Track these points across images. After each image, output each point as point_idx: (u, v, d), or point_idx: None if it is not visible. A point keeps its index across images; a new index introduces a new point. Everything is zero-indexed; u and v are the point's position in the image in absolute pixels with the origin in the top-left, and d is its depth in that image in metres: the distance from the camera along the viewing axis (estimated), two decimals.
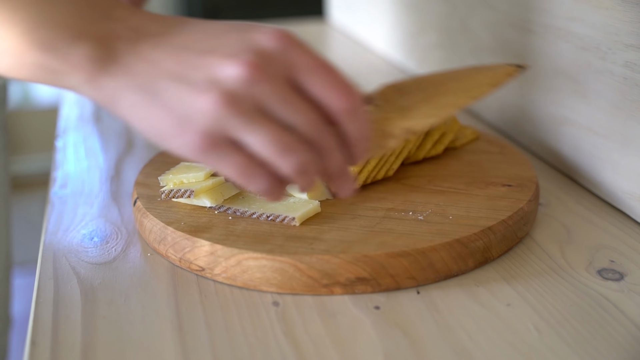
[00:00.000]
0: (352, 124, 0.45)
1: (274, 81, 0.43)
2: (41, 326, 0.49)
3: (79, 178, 0.74)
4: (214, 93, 0.42)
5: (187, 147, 0.44)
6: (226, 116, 0.42)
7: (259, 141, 0.43)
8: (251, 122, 0.43)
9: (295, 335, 0.48)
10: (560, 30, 0.71)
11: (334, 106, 0.44)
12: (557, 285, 0.53)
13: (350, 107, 0.44)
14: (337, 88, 0.44)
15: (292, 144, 0.44)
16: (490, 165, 0.67)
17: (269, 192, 0.45)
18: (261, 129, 0.43)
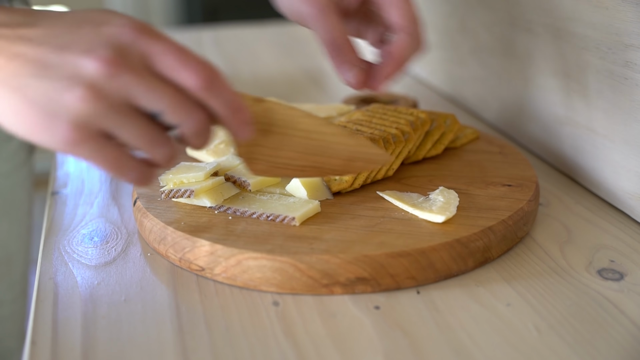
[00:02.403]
0: (213, 99, 0.46)
1: (132, 72, 0.44)
2: (41, 326, 0.49)
3: (79, 178, 0.74)
4: (78, 89, 0.43)
5: (56, 141, 0.44)
6: (93, 111, 0.43)
7: (128, 134, 0.44)
8: (118, 115, 0.44)
9: (295, 335, 0.48)
10: (560, 30, 0.71)
11: (189, 85, 0.45)
12: (557, 285, 0.53)
13: (204, 83, 0.45)
14: (188, 68, 0.45)
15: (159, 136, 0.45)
16: (490, 165, 0.67)
17: (140, 180, 0.46)
18: (129, 122, 0.44)
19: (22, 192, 0.91)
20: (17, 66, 0.44)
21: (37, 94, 0.44)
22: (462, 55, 0.93)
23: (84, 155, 0.45)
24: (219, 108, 0.46)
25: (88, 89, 0.43)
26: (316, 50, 1.34)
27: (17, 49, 0.45)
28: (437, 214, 0.56)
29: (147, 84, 0.44)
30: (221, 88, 0.46)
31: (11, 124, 0.45)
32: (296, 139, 0.53)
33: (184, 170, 0.61)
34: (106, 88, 0.43)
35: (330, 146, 0.54)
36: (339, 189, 0.61)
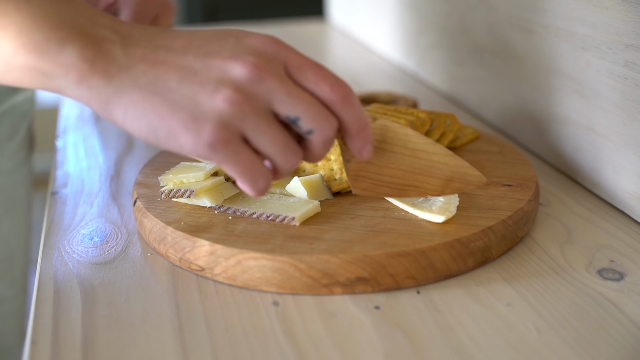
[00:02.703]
0: (347, 113, 0.48)
1: (275, 78, 0.45)
2: (41, 326, 0.49)
3: (79, 178, 0.74)
4: (225, 90, 0.44)
5: (198, 142, 0.44)
6: (238, 113, 0.44)
7: (265, 139, 0.45)
8: (259, 120, 0.45)
9: (295, 335, 0.48)
10: (560, 30, 0.71)
11: (327, 97, 0.47)
12: (557, 285, 0.53)
13: (341, 96, 0.47)
14: (327, 81, 0.47)
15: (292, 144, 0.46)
16: (490, 165, 0.67)
17: (263, 190, 0.47)
18: (268, 127, 0.45)
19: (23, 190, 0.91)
20: (160, 72, 0.45)
21: (181, 98, 0.44)
22: (462, 55, 0.93)
23: (222, 158, 0.45)
24: (350, 122, 0.48)
25: (235, 91, 0.44)
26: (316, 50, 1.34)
27: (160, 56, 0.46)
28: (437, 214, 0.56)
29: (288, 89, 0.45)
30: (354, 104, 0.48)
31: (149, 129, 0.45)
32: (404, 157, 0.55)
33: (184, 170, 0.61)
34: (251, 91, 0.45)
35: (434, 165, 0.56)
36: (339, 189, 0.61)
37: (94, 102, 0.45)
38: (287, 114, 0.46)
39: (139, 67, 0.45)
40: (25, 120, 0.89)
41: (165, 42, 0.46)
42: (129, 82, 0.45)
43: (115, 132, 0.87)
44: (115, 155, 0.79)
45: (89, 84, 0.45)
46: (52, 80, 0.45)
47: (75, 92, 0.45)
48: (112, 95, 0.45)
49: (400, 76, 1.12)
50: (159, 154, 0.71)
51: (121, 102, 0.45)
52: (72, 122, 0.92)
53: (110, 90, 0.45)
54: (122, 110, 0.45)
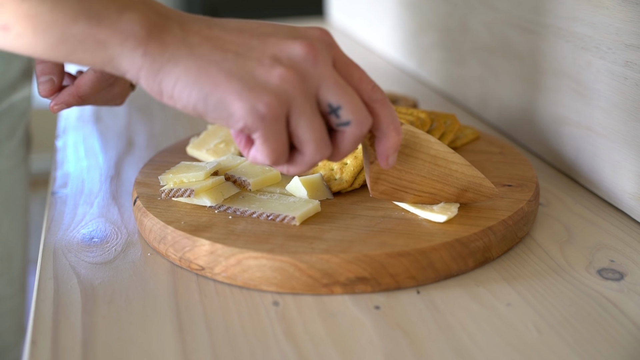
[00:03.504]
0: (384, 113, 0.49)
1: (328, 64, 0.47)
2: (41, 326, 0.49)
3: (79, 178, 0.74)
4: (281, 67, 0.45)
5: (251, 112, 0.45)
6: (292, 90, 0.45)
7: (306, 124, 0.46)
8: (307, 103, 0.46)
9: (295, 334, 0.48)
10: (560, 30, 0.71)
11: (367, 95, 0.48)
12: (557, 285, 0.53)
13: (381, 97, 0.49)
14: (370, 82, 0.49)
15: (327, 137, 0.47)
16: (490, 165, 0.67)
17: (279, 167, 0.48)
18: (312, 113, 0.46)
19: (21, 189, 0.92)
20: (216, 45, 0.46)
21: (238, 68, 0.45)
22: (462, 55, 0.93)
23: (267, 132, 0.45)
24: (387, 122, 0.50)
25: (290, 68, 0.45)
26: None
27: (215, 33, 0.46)
28: (439, 214, 0.56)
29: (336, 78, 0.47)
30: (391, 107, 0.50)
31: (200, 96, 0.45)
32: (424, 163, 0.56)
33: (184, 169, 0.61)
34: (305, 73, 0.46)
35: (451, 174, 0.57)
36: (339, 188, 0.61)
37: (144, 71, 0.46)
38: (331, 102, 0.46)
39: (195, 39, 0.46)
40: (23, 119, 0.90)
41: (220, 23, 0.47)
42: (185, 51, 0.45)
43: (115, 132, 0.87)
44: (115, 155, 0.79)
45: (144, 50, 0.45)
46: (107, 48, 0.45)
47: (127, 61, 0.45)
48: (165, 63, 0.45)
49: (400, 76, 1.12)
50: (159, 154, 0.71)
51: (174, 70, 0.45)
52: (72, 122, 0.92)
53: (165, 59, 0.45)
54: (174, 78, 0.45)
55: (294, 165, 0.48)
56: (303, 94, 0.45)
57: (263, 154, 0.47)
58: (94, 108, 0.96)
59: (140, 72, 0.46)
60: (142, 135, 0.86)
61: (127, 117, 0.93)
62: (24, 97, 0.88)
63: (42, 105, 3.03)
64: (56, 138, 0.87)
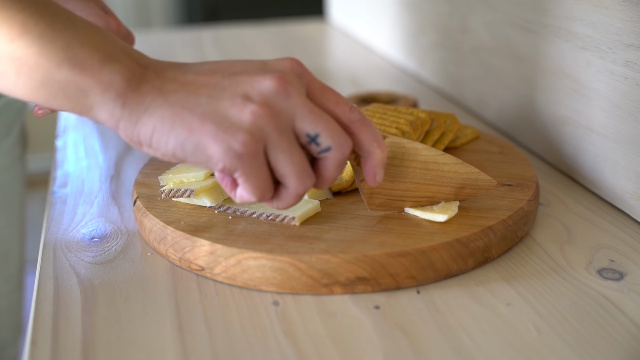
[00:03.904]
0: (365, 133, 0.50)
1: (300, 95, 0.47)
2: (41, 326, 0.49)
3: (79, 177, 0.74)
4: (253, 104, 0.46)
5: (228, 152, 0.45)
6: (265, 126, 0.46)
7: (285, 158, 0.47)
8: (283, 137, 0.46)
9: (295, 335, 0.48)
10: (560, 29, 0.70)
11: (345, 118, 0.49)
12: (557, 285, 0.53)
13: (359, 118, 0.49)
14: (345, 104, 0.49)
15: (308, 168, 0.48)
16: (490, 165, 0.67)
17: (267, 199, 0.49)
18: (289, 146, 0.47)
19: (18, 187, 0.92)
20: (190, 90, 0.47)
21: (211, 111, 0.46)
22: (462, 55, 0.93)
23: (246, 170, 0.46)
24: (368, 141, 0.50)
25: (262, 105, 0.46)
26: (316, 50, 1.34)
27: (189, 78, 0.47)
28: (439, 214, 0.56)
29: (310, 107, 0.47)
30: (371, 125, 0.50)
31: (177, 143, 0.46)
32: (415, 171, 0.57)
33: (184, 169, 0.61)
34: (278, 107, 0.46)
35: (445, 175, 0.57)
36: (339, 188, 0.61)
37: (123, 122, 0.46)
38: (308, 131, 0.47)
39: (171, 87, 0.47)
40: (19, 117, 0.90)
41: (193, 68, 0.48)
42: (160, 100, 0.46)
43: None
44: (115, 155, 0.79)
45: (123, 102, 0.46)
46: (87, 96, 0.46)
47: (107, 111, 0.46)
48: (142, 113, 0.46)
49: (400, 76, 1.12)
50: None
51: (150, 120, 0.46)
52: (72, 121, 0.92)
53: (142, 109, 0.46)
54: (151, 128, 0.46)
55: (280, 200, 0.49)
56: (278, 128, 0.46)
57: (248, 192, 0.47)
58: None
59: (119, 123, 0.47)
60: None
61: None
62: None
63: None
64: (56, 138, 0.87)
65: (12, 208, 0.91)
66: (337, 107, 0.49)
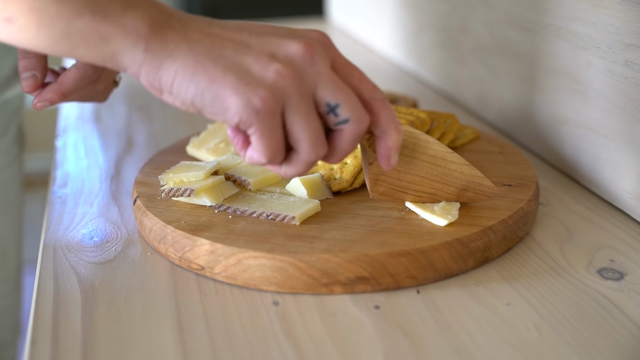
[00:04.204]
0: (385, 112, 0.50)
1: (325, 64, 0.47)
2: (41, 326, 0.49)
3: (79, 177, 0.74)
4: (278, 64, 0.45)
5: (246, 106, 0.45)
6: (287, 87, 0.45)
7: (302, 122, 0.46)
8: (302, 102, 0.46)
9: (295, 334, 0.48)
10: (560, 29, 0.70)
11: (368, 95, 0.49)
12: (557, 285, 0.53)
13: (381, 97, 0.49)
14: (370, 82, 0.49)
15: (323, 136, 0.47)
16: (490, 165, 0.67)
17: (275, 164, 0.49)
18: (308, 111, 0.46)
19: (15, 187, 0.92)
20: (215, 41, 0.47)
21: (234, 64, 0.46)
22: (462, 55, 0.93)
23: (262, 127, 0.46)
24: (387, 122, 0.50)
25: (287, 65, 0.46)
26: None
27: (214, 30, 0.47)
28: (439, 217, 0.56)
29: (334, 77, 0.47)
30: (391, 107, 0.50)
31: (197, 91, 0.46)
32: (423, 164, 0.57)
33: (184, 169, 0.61)
34: (302, 71, 0.46)
35: (450, 174, 0.57)
36: (339, 188, 0.61)
37: (145, 67, 0.46)
38: (329, 100, 0.47)
39: (195, 35, 0.46)
40: (16, 116, 0.90)
41: (220, 23, 0.48)
42: (184, 47, 0.46)
43: (115, 131, 0.87)
44: (115, 155, 0.79)
45: (146, 46, 0.46)
46: (109, 43, 0.46)
47: (129, 57, 0.46)
48: (165, 59, 0.46)
49: (400, 76, 1.12)
50: (159, 153, 0.71)
51: (173, 65, 0.46)
52: (72, 121, 0.92)
53: (165, 54, 0.46)
54: (173, 73, 0.46)
55: (290, 165, 0.48)
56: (299, 91, 0.46)
57: (259, 151, 0.47)
58: (95, 107, 0.96)
59: (141, 69, 0.46)
60: (142, 135, 0.86)
61: (127, 117, 0.93)
62: (16, 94, 0.89)
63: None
64: (56, 138, 0.87)
65: (9, 208, 0.91)
66: (360, 84, 0.49)
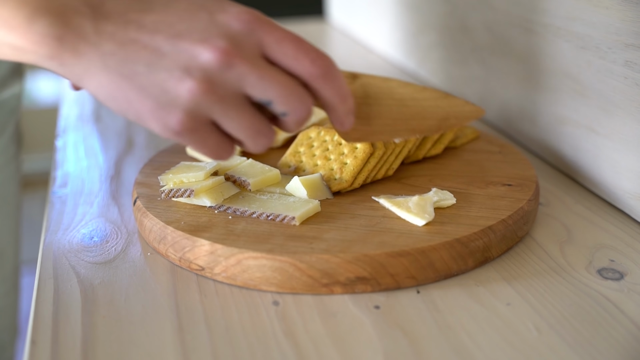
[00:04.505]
0: (327, 88, 0.47)
1: (246, 61, 0.44)
2: (41, 326, 0.49)
3: (79, 177, 0.74)
4: (192, 80, 0.43)
5: (165, 129, 0.45)
6: (205, 102, 0.44)
7: (234, 125, 0.45)
8: (228, 107, 0.45)
9: (295, 334, 0.48)
10: (560, 29, 0.70)
11: (306, 73, 0.46)
12: (557, 285, 0.53)
13: (321, 71, 0.46)
14: (306, 56, 0.45)
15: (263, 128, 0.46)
16: (490, 165, 0.67)
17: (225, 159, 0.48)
18: (237, 114, 0.45)
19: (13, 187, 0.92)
20: (129, 53, 0.44)
21: (149, 84, 0.44)
22: (463, 55, 0.93)
23: (189, 142, 0.46)
24: (330, 97, 0.47)
25: (202, 81, 0.44)
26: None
27: (130, 35, 0.45)
28: (416, 217, 0.55)
29: (259, 73, 0.44)
30: (335, 77, 0.47)
31: (120, 110, 0.46)
32: (391, 108, 0.55)
33: (184, 169, 0.61)
34: (220, 79, 0.44)
35: (425, 109, 0.55)
36: (339, 188, 0.61)
37: (68, 77, 0.46)
38: (260, 98, 0.45)
39: (108, 46, 0.44)
40: (13, 116, 0.90)
41: (138, 17, 0.45)
42: (98, 62, 0.44)
43: (115, 132, 0.87)
44: (115, 155, 0.79)
45: (60, 61, 0.45)
46: (25, 54, 0.45)
47: (49, 67, 0.45)
48: (82, 75, 0.45)
49: (400, 76, 1.12)
50: (159, 154, 0.71)
51: (91, 84, 0.45)
52: (72, 121, 0.92)
53: (81, 70, 0.45)
54: (93, 90, 0.45)
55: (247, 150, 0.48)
56: (221, 100, 0.44)
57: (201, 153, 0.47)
58: (95, 107, 0.96)
59: (65, 77, 0.46)
60: (142, 135, 0.86)
61: None
62: (13, 94, 0.89)
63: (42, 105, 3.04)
64: (56, 138, 0.87)
65: (6, 208, 0.91)
66: (296, 63, 0.45)
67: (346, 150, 0.62)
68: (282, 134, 0.72)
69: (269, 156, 0.69)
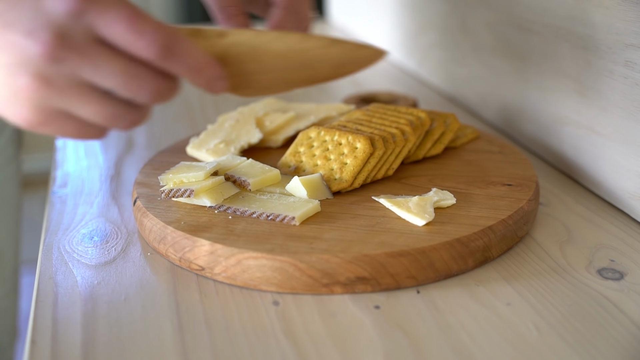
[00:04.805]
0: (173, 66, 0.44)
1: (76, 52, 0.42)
2: (41, 326, 0.49)
3: (79, 177, 0.74)
4: (26, 77, 0.42)
5: (20, 123, 0.44)
6: (45, 96, 0.43)
7: (86, 112, 0.44)
8: (72, 96, 0.43)
9: (295, 334, 0.48)
10: (560, 29, 0.70)
11: (145, 56, 0.43)
12: (557, 285, 0.53)
13: (161, 51, 0.43)
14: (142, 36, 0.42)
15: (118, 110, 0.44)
16: (490, 165, 0.67)
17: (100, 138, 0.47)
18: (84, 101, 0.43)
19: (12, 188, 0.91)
20: None
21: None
22: (463, 55, 0.93)
23: (49, 132, 0.45)
24: (181, 73, 0.45)
25: (35, 76, 0.42)
26: None
27: None
28: (416, 216, 0.56)
29: (92, 62, 0.42)
30: (180, 52, 0.44)
31: None
32: (272, 63, 0.52)
33: (184, 169, 0.61)
34: (54, 72, 0.42)
35: (314, 58, 0.53)
36: (338, 188, 0.61)
37: None
38: (102, 86, 0.43)
39: None
40: None
41: None
42: None
43: (115, 132, 0.87)
44: (115, 155, 0.79)
45: None
46: None
47: None
48: None
49: (400, 76, 1.12)
50: (159, 154, 0.71)
51: None
52: None
53: None
54: None
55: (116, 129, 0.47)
56: (61, 92, 0.42)
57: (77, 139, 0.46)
58: None
59: None
60: (142, 135, 0.86)
61: None
62: None
63: None
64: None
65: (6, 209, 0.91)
66: (131, 46, 0.42)
67: (346, 150, 0.62)
68: (282, 134, 0.72)
69: (269, 156, 0.69)
